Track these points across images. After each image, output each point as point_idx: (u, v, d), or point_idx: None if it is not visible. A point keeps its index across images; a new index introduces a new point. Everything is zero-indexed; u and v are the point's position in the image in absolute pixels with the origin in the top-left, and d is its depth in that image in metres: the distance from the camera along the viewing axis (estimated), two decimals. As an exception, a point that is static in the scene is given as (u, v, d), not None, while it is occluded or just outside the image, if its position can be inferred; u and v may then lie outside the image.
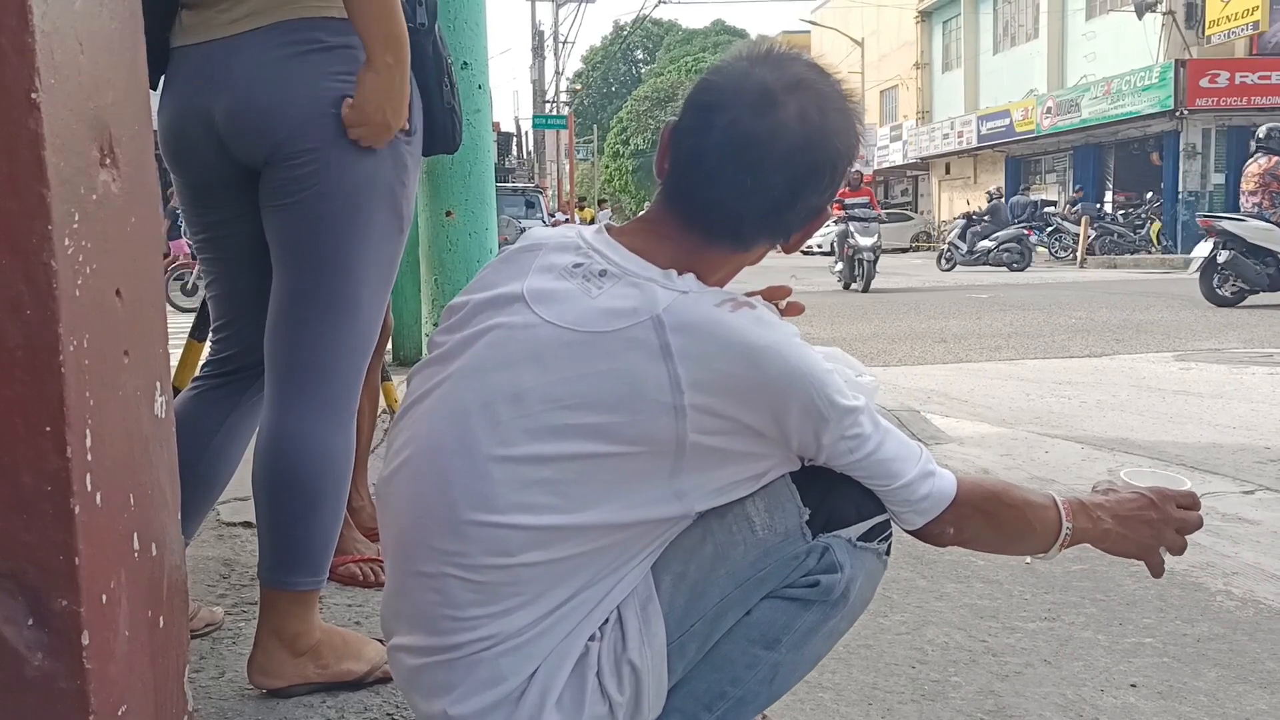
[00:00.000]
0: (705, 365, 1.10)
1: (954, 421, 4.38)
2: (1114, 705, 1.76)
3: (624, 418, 1.10)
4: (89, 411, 0.89)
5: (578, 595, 1.15)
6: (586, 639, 1.16)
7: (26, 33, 0.82)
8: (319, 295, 1.61)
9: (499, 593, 1.13)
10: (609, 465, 1.12)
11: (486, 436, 1.12)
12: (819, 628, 1.23)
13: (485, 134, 4.35)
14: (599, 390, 1.10)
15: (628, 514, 1.14)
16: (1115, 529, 1.34)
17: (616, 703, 1.15)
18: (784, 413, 1.14)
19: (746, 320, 1.13)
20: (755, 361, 1.11)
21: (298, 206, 1.57)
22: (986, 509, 1.27)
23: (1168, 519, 1.36)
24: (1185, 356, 6.41)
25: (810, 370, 1.14)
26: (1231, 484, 3.29)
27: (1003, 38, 28.80)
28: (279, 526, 1.65)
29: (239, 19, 1.55)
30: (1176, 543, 1.38)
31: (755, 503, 1.21)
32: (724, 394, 1.11)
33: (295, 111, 1.53)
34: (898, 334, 7.98)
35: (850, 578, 1.22)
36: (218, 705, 1.68)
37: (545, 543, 1.12)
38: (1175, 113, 20.35)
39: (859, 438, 1.18)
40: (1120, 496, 1.37)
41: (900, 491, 1.22)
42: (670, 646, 1.18)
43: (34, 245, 0.83)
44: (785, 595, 1.21)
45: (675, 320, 1.10)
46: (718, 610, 1.20)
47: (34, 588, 0.86)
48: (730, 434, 1.14)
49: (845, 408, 1.16)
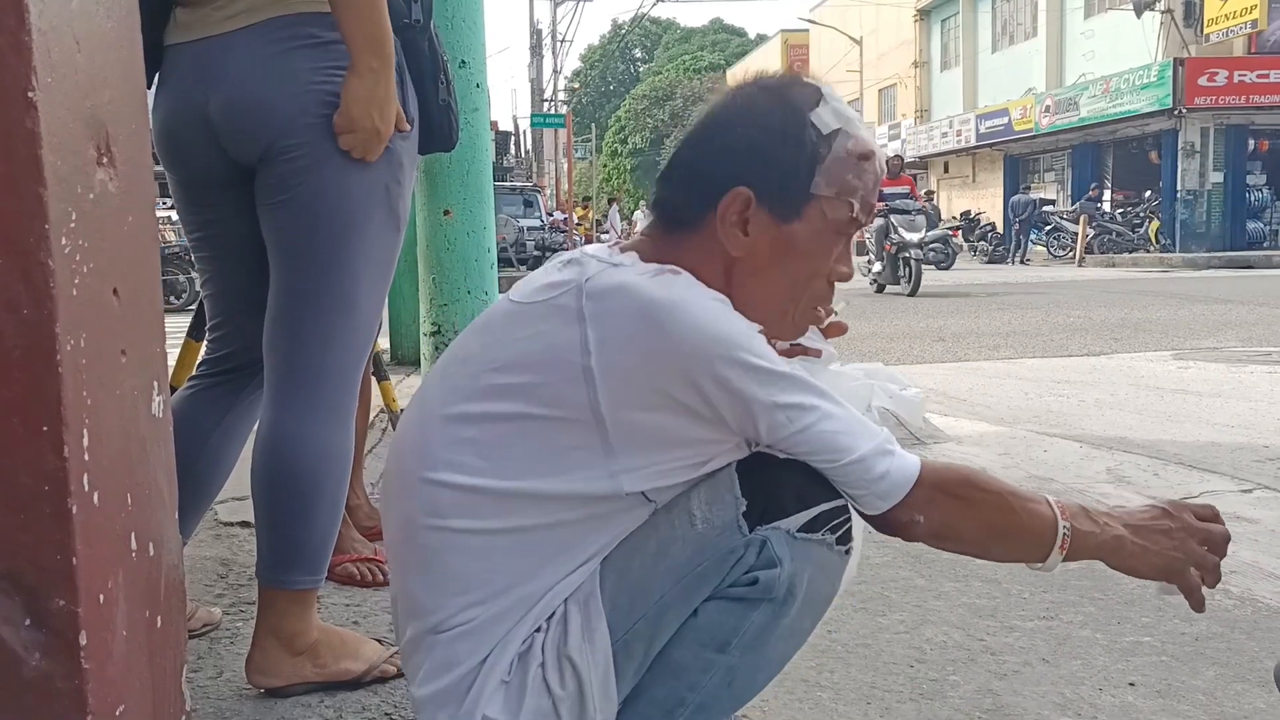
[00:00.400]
0: (610, 326, 1.12)
1: (952, 420, 4.39)
2: (1112, 704, 1.76)
3: (541, 378, 1.13)
4: (86, 411, 0.88)
5: (518, 586, 1.16)
6: (532, 630, 1.17)
7: (23, 31, 0.81)
8: (316, 293, 1.61)
9: (442, 566, 1.17)
10: (533, 430, 1.14)
11: (436, 396, 1.21)
12: (772, 627, 1.17)
13: (483, 133, 4.35)
14: (523, 353, 1.15)
15: (556, 485, 1.14)
16: (1130, 538, 1.20)
17: (558, 697, 1.14)
18: (699, 378, 1.10)
19: (658, 282, 1.14)
20: (657, 319, 1.10)
21: (293, 204, 1.57)
22: (961, 494, 1.17)
23: (1188, 528, 1.22)
24: (1183, 355, 6.42)
25: (719, 329, 1.11)
26: (1230, 483, 3.29)
27: (1001, 36, 28.79)
28: (277, 525, 1.65)
29: (233, 15, 1.55)
30: (1207, 560, 1.22)
31: (699, 495, 1.18)
32: (631, 357, 1.11)
33: (289, 107, 1.53)
34: (895, 333, 7.98)
35: (793, 573, 1.15)
36: (216, 705, 1.68)
37: (473, 507, 1.15)
38: (1174, 111, 20.35)
39: (797, 408, 1.12)
40: (1129, 507, 1.27)
41: (852, 469, 1.14)
42: (615, 645, 1.15)
43: (31, 244, 0.83)
44: (729, 595, 1.16)
45: (594, 287, 1.14)
46: (659, 608, 1.16)
47: (31, 588, 0.86)
48: (659, 410, 1.12)
49: (768, 371, 1.11)
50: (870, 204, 1.23)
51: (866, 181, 1.22)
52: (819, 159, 1.21)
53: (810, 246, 1.23)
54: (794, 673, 1.84)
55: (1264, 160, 21.46)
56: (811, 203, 1.21)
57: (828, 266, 1.25)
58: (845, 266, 1.27)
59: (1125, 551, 1.20)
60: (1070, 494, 3.15)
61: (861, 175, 1.22)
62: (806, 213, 1.22)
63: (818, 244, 1.23)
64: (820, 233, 1.23)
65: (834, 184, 1.21)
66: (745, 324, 1.14)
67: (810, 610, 1.19)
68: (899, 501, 1.15)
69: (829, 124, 1.21)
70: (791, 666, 1.84)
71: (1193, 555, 1.21)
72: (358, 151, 1.55)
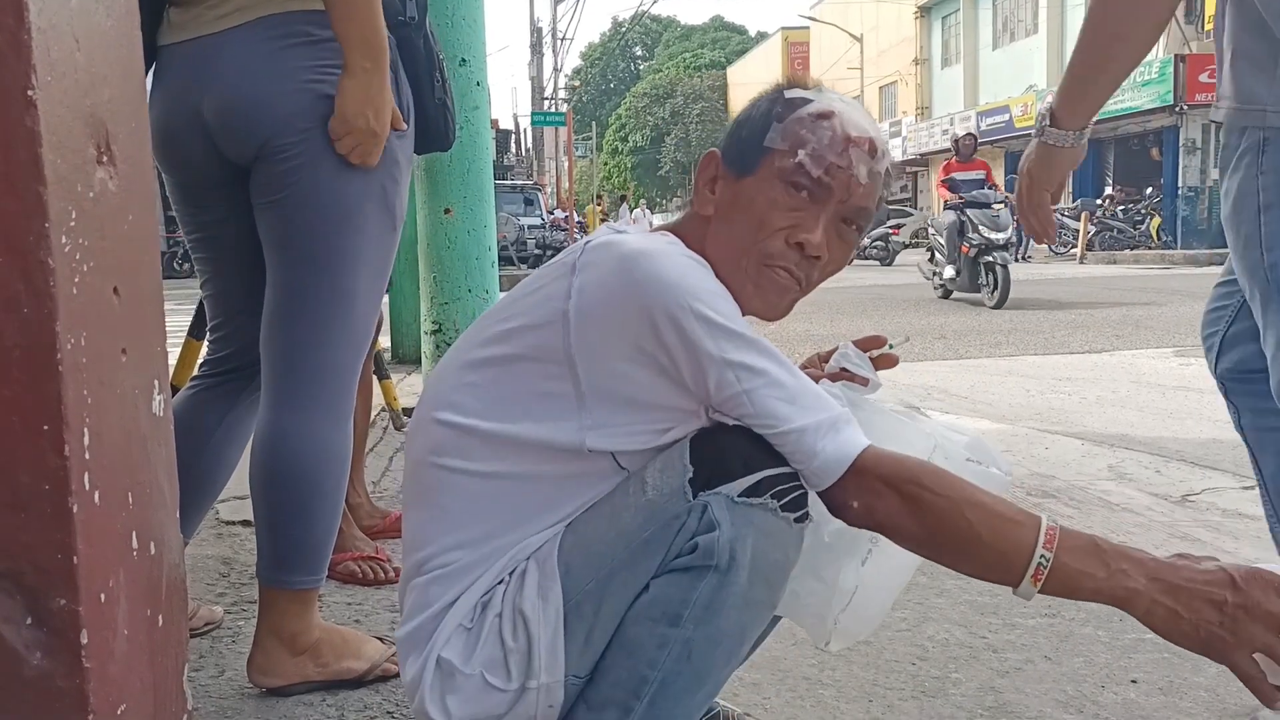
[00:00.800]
0: (591, 274, 1.18)
1: (954, 418, 4.38)
2: (1115, 701, 1.76)
3: (530, 320, 1.21)
4: (87, 410, 0.88)
5: (495, 537, 1.21)
6: (495, 581, 1.21)
7: (23, 30, 0.81)
8: (312, 292, 1.61)
9: (436, 504, 1.24)
10: (520, 371, 1.21)
11: (460, 345, 1.29)
12: (721, 596, 1.13)
13: (484, 131, 4.34)
14: (528, 304, 1.23)
15: (531, 430, 1.19)
16: (1153, 596, 1.06)
17: (509, 649, 1.17)
18: (657, 321, 1.13)
19: (642, 238, 1.21)
20: (626, 266, 1.16)
21: (287, 202, 1.57)
22: (906, 491, 1.12)
23: (1253, 609, 1.03)
24: (1185, 352, 6.41)
25: (683, 280, 1.15)
26: (1231, 479, 3.29)
27: (1002, 33, 28.77)
28: (277, 525, 1.65)
29: (226, 14, 1.55)
30: (1277, 649, 1.03)
31: (655, 463, 1.19)
32: (600, 302, 1.16)
33: (283, 106, 1.53)
34: (896, 329, 7.96)
35: (733, 537, 1.12)
36: (217, 704, 1.68)
37: (465, 449, 1.22)
38: (1175, 108, 20.34)
39: (745, 368, 1.13)
40: (1185, 562, 1.08)
41: (790, 439, 1.13)
42: (567, 606, 1.17)
43: (31, 243, 0.83)
44: (675, 567, 1.15)
45: (591, 245, 1.22)
46: (609, 572, 1.17)
47: (32, 587, 0.86)
48: (625, 360, 1.16)
49: (723, 326, 1.13)
50: (824, 159, 1.22)
51: (821, 136, 1.23)
52: (779, 118, 1.26)
53: (757, 196, 1.25)
54: (796, 670, 1.84)
55: (1265, 157, 21.43)
56: (766, 156, 1.25)
57: (782, 221, 1.24)
58: (808, 232, 1.24)
59: (1143, 609, 1.06)
60: (1071, 491, 3.15)
61: (815, 130, 1.23)
62: (761, 166, 1.26)
63: (766, 194, 1.25)
64: (769, 183, 1.25)
65: (788, 138, 1.24)
66: (715, 284, 1.18)
67: (761, 579, 1.16)
68: (834, 483, 1.14)
69: (800, 94, 1.27)
70: (793, 664, 1.85)
71: (1250, 640, 1.04)
72: (356, 156, 1.55)
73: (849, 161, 1.23)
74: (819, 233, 1.25)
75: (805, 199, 1.24)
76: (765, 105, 1.28)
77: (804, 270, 1.27)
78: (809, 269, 1.27)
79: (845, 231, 1.28)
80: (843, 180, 1.24)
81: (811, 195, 1.24)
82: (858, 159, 1.24)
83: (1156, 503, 3.04)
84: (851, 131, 1.24)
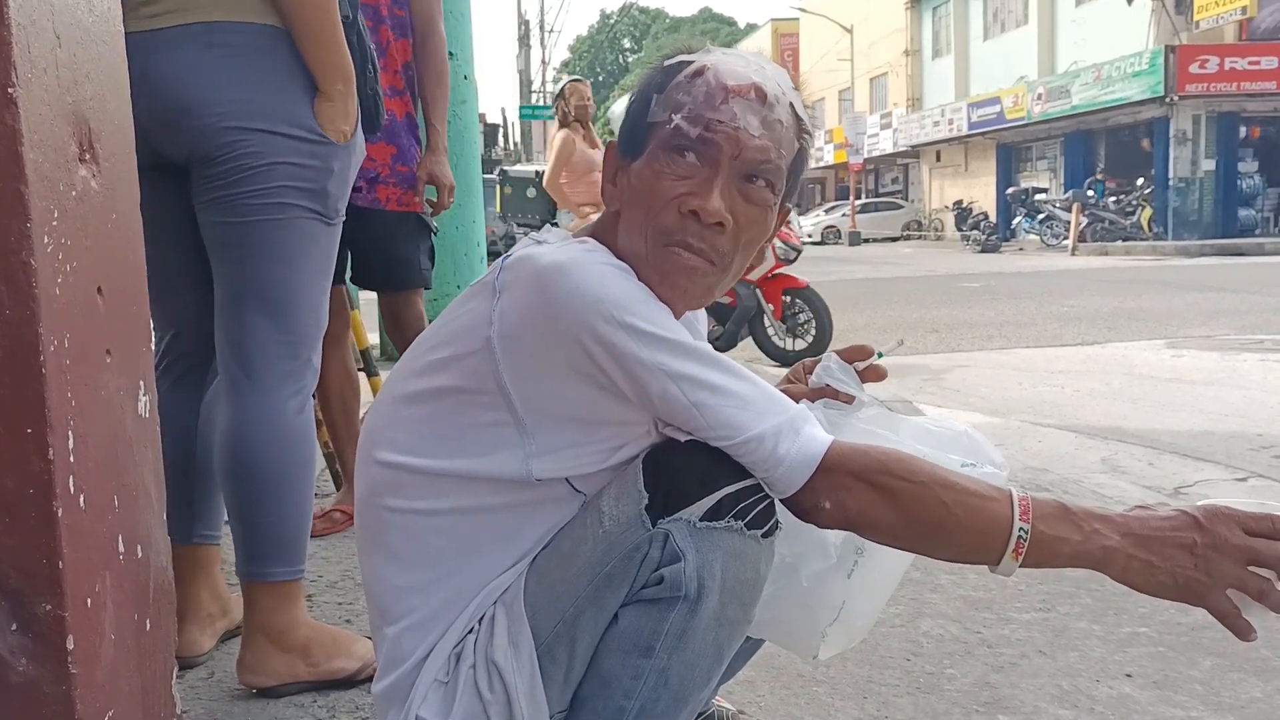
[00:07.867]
0: (510, 296, 1.10)
1: (946, 412, 4.38)
2: (1110, 695, 1.76)
3: (457, 350, 1.13)
4: (71, 412, 0.87)
5: (454, 575, 1.15)
6: (465, 631, 1.15)
7: (3, 26, 0.80)
8: (253, 289, 1.64)
9: (381, 546, 1.17)
10: (455, 404, 1.13)
11: (395, 378, 1.22)
12: (693, 623, 1.09)
13: (471, 125, 4.33)
14: (454, 330, 1.15)
15: (475, 465, 1.12)
16: (1128, 551, 1.05)
17: (487, 700, 1.12)
18: (583, 339, 1.05)
19: (558, 249, 1.11)
20: (542, 282, 1.07)
21: (222, 203, 1.61)
22: (877, 482, 1.07)
23: (1220, 544, 1.04)
24: (1177, 344, 6.43)
25: (602, 291, 1.06)
26: (1224, 471, 3.29)
27: (993, 24, 28.79)
28: (247, 515, 1.67)
29: (158, 14, 1.57)
30: (1249, 583, 1.03)
31: (609, 491, 1.12)
32: (522, 324, 1.08)
33: (207, 117, 1.56)
34: (888, 323, 7.98)
35: (699, 564, 1.07)
36: (208, 706, 1.66)
37: (405, 487, 1.15)
38: (1165, 99, 20.37)
39: (688, 379, 1.06)
40: (1146, 512, 1.08)
41: (749, 448, 1.07)
42: (540, 649, 1.12)
43: (12, 243, 0.82)
44: (642, 598, 1.10)
45: (508, 263, 1.13)
46: (575, 610, 1.11)
47: (17, 592, 0.85)
48: (559, 381, 1.08)
49: (653, 334, 1.06)
50: (701, 116, 1.12)
51: (696, 94, 1.13)
52: (659, 89, 1.16)
53: (646, 171, 1.16)
54: (790, 668, 1.83)
55: (1255, 147, 21.51)
56: (650, 132, 1.16)
57: (670, 191, 1.14)
58: (701, 198, 1.12)
59: (1119, 566, 1.05)
60: (1065, 484, 3.15)
61: (690, 90, 1.13)
62: (648, 143, 1.16)
63: (652, 167, 1.15)
64: (655, 156, 1.15)
65: (667, 107, 1.14)
66: (638, 289, 1.10)
67: (734, 599, 1.10)
68: (802, 486, 1.08)
69: (680, 59, 1.17)
70: (787, 661, 1.85)
71: (1224, 577, 1.03)
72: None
73: (731, 114, 1.12)
74: (714, 196, 1.12)
75: (694, 163, 1.13)
76: (645, 80, 1.19)
77: (708, 242, 1.14)
78: (714, 239, 1.14)
79: (751, 190, 1.15)
80: (728, 134, 1.12)
81: (700, 157, 1.13)
82: (742, 109, 1.12)
83: (1150, 495, 3.04)
84: (729, 81, 1.13)
